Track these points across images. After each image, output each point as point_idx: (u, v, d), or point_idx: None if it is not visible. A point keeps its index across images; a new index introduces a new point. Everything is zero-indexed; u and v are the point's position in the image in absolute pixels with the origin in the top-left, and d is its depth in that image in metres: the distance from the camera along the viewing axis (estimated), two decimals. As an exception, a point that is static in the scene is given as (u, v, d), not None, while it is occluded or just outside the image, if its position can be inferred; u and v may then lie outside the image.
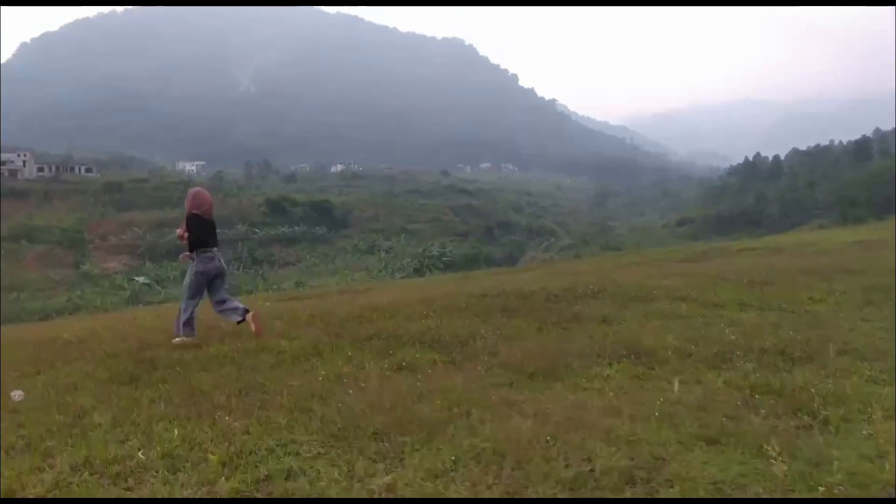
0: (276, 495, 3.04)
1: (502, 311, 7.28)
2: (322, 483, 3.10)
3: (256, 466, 3.34)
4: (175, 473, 3.31)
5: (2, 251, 62.60)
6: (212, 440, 3.69)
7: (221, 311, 7.26)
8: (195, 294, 7.19)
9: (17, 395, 4.64)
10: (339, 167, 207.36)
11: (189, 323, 7.03)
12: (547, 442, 3.40)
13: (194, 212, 7.44)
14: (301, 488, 3.06)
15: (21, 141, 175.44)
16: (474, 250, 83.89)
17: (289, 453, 3.50)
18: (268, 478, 3.22)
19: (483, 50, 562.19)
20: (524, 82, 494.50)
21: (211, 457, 3.41)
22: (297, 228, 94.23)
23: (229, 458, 3.42)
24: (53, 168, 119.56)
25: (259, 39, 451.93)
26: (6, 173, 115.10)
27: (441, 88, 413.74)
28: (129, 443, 3.72)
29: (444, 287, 10.04)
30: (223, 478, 3.20)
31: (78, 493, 3.13)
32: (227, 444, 3.63)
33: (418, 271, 64.99)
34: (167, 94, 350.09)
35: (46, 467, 3.43)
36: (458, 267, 61.62)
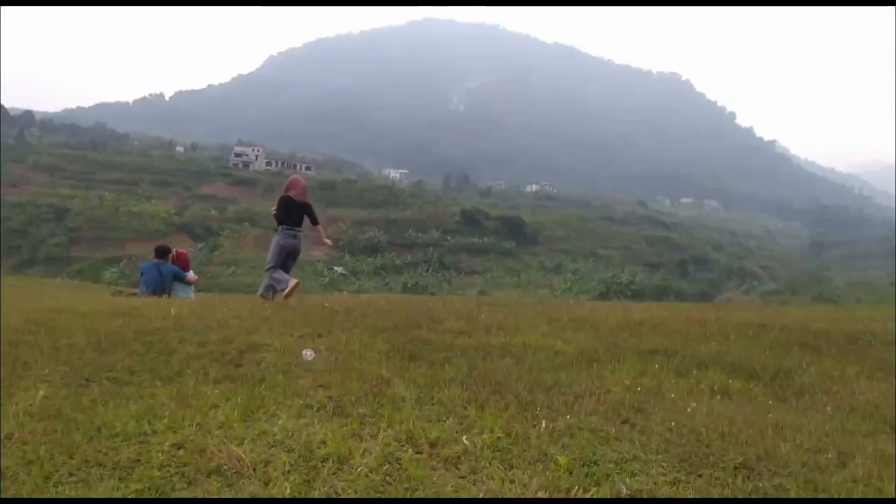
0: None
1: (800, 346, 6.17)
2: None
3: (609, 480, 2.76)
4: (512, 469, 2.82)
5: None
6: (537, 437, 3.17)
7: (274, 279, 8.39)
8: (274, 262, 8.41)
9: (308, 353, 4.50)
10: (534, 187, 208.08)
11: (270, 288, 8.33)
12: None
13: (287, 194, 8.58)
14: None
15: (256, 138, 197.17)
16: (665, 282, 79.54)
17: (639, 472, 2.88)
18: (629, 498, 2.62)
19: (700, 86, 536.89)
20: (742, 121, 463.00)
21: (559, 459, 2.88)
22: (486, 240, 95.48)
23: (574, 465, 2.86)
24: (280, 163, 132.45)
25: (473, 62, 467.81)
26: (241, 164, 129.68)
27: (649, 121, 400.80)
28: (445, 423, 3.31)
29: (672, 312, 8.95)
30: (578, 487, 2.64)
31: (409, 471, 2.73)
32: (559, 445, 3.09)
33: (604, 296, 62.72)
34: (383, 108, 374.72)
35: (367, 436, 3.10)
36: (646, 297, 58.64)
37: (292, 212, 8.55)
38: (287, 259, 8.69)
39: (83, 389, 3.53)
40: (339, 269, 71.37)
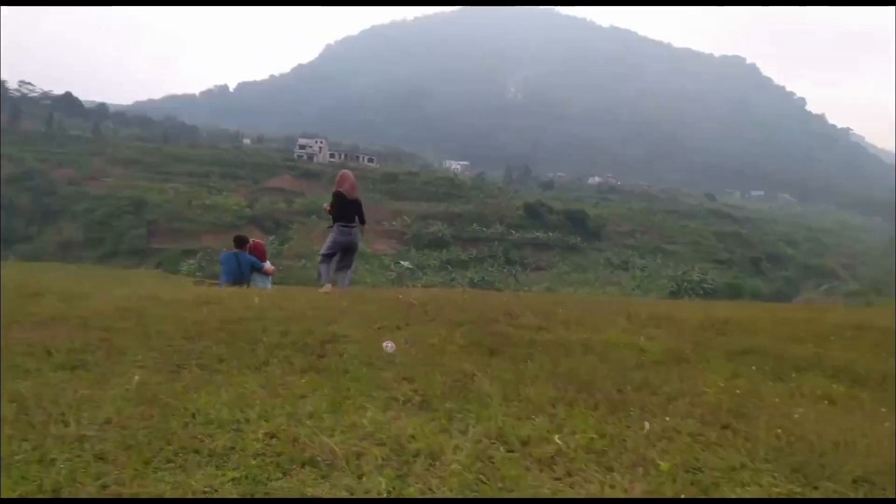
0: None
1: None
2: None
3: (717, 489, 2.60)
4: (610, 473, 2.69)
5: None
6: (633, 439, 3.04)
7: (337, 271, 8.88)
8: (327, 257, 8.77)
9: (389, 346, 4.47)
10: (597, 179, 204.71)
11: (325, 274, 8.75)
12: None
13: (338, 190, 8.72)
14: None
15: (318, 129, 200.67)
16: (738, 281, 76.90)
17: (749, 482, 2.70)
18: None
19: (767, 70, 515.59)
20: (813, 107, 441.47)
21: (661, 464, 2.73)
22: (551, 235, 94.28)
23: (677, 471, 2.72)
24: (343, 155, 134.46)
25: (530, 50, 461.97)
26: (305, 156, 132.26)
27: (714, 108, 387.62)
28: (535, 422, 3.21)
29: (758, 311, 8.49)
30: (684, 496, 2.49)
31: (503, 470, 2.64)
32: (658, 449, 2.95)
33: (675, 294, 61.11)
34: (442, 97, 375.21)
35: (456, 432, 3.03)
36: (719, 296, 56.77)
37: (344, 208, 8.69)
38: (344, 255, 8.93)
39: (175, 376, 3.59)
40: (405, 264, 71.97)
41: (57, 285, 6.44)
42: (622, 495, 2.50)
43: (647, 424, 3.20)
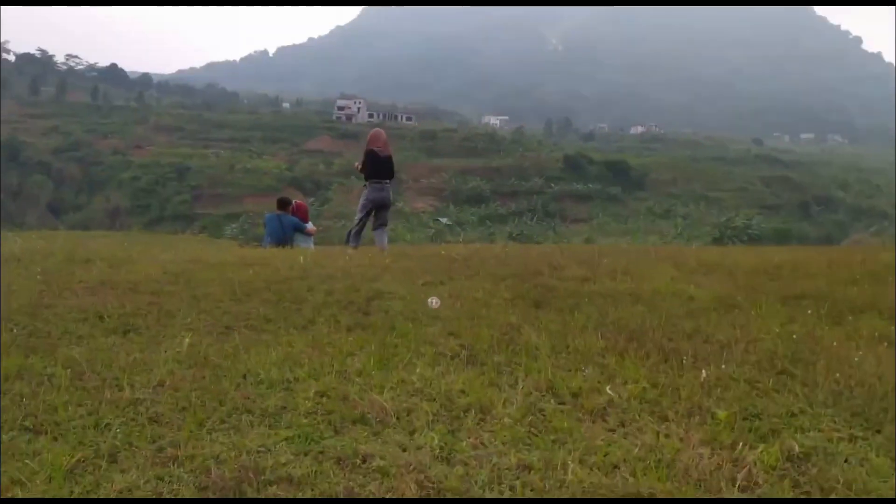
0: (814, 482, 2.19)
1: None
2: None
3: (776, 436, 2.53)
4: (665, 422, 2.64)
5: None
6: (688, 388, 2.96)
7: (374, 230, 8.89)
8: (362, 216, 8.77)
9: (433, 301, 4.45)
10: (639, 129, 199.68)
11: (355, 238, 8.73)
12: None
13: (370, 147, 8.70)
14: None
15: (357, 90, 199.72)
16: (785, 225, 74.75)
17: (809, 427, 2.62)
18: (804, 456, 2.37)
19: (821, 8, 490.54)
20: (869, 45, 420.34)
21: (717, 413, 2.67)
22: (591, 186, 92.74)
23: (734, 418, 2.65)
24: (381, 115, 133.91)
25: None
26: (344, 118, 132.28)
27: (764, 51, 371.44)
28: (585, 373, 3.16)
29: (811, 254, 8.16)
30: (743, 444, 2.42)
31: (554, 422, 2.61)
32: (713, 398, 2.88)
33: (718, 241, 59.64)
34: (480, 53, 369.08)
35: (505, 386, 3.00)
36: (764, 242, 55.39)
37: (378, 165, 8.70)
38: (378, 211, 8.93)
39: (225, 337, 3.63)
40: (444, 220, 71.90)
41: (105, 251, 6.57)
42: (679, 445, 2.44)
43: (703, 372, 3.12)
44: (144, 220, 71.06)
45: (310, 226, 10.20)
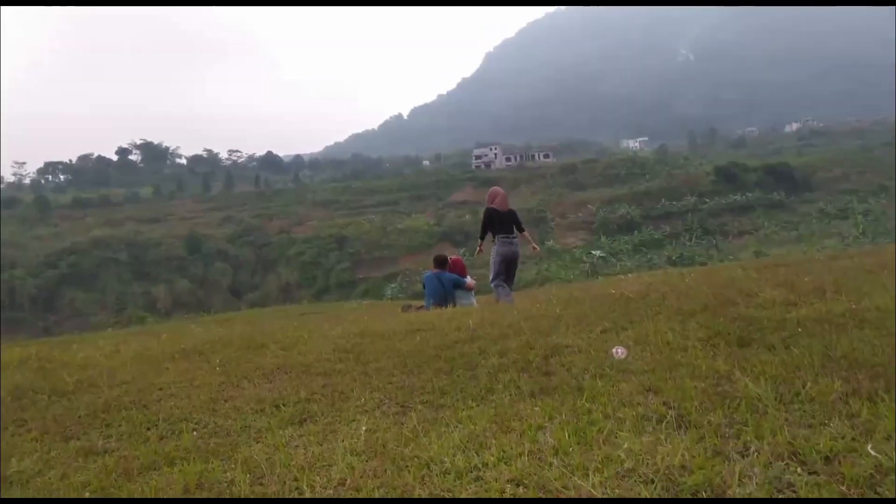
0: None
1: None
2: None
3: None
4: None
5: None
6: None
7: (498, 287, 8.91)
8: (496, 273, 8.90)
9: (619, 352, 3.98)
10: (795, 126, 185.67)
11: (505, 295, 8.71)
12: None
13: (490, 206, 9.02)
14: None
15: (491, 137, 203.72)
16: None
17: None
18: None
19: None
20: None
21: None
22: (750, 195, 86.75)
23: None
24: (518, 157, 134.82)
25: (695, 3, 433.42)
26: (482, 165, 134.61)
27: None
28: (831, 429, 2.56)
29: None
30: None
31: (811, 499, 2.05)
32: None
33: (906, 236, 53.08)
34: (607, 77, 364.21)
35: (734, 454, 2.48)
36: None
37: (500, 221, 8.91)
38: (509, 267, 9.04)
39: (401, 417, 3.40)
40: (597, 253, 69.99)
41: (279, 333, 6.72)
42: None
43: None
44: (313, 291, 75.69)
45: (469, 280, 10.05)
